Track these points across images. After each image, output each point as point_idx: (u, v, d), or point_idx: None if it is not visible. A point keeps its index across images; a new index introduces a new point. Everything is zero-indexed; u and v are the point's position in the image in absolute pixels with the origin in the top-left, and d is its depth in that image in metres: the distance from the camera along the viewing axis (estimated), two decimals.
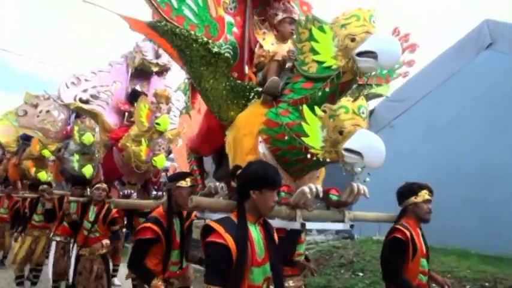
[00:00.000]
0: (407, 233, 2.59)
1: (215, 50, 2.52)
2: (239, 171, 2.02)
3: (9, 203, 7.67)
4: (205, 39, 2.51)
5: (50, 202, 5.05)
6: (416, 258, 2.61)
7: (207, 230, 1.86)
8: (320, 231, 8.57)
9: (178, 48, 2.50)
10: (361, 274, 5.98)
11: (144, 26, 2.52)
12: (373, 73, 2.68)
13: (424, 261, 2.68)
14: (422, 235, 2.75)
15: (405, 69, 3.50)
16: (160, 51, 6.33)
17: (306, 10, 3.70)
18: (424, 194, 2.72)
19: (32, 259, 6.01)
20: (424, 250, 2.70)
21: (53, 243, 5.17)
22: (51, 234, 5.19)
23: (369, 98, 3.42)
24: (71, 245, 4.88)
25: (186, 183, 2.80)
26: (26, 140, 8.59)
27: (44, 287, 5.97)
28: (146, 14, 2.55)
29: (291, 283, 2.97)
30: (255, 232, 1.91)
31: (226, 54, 2.65)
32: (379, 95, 3.37)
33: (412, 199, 2.73)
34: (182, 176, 2.89)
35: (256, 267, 1.85)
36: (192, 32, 2.48)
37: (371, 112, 9.67)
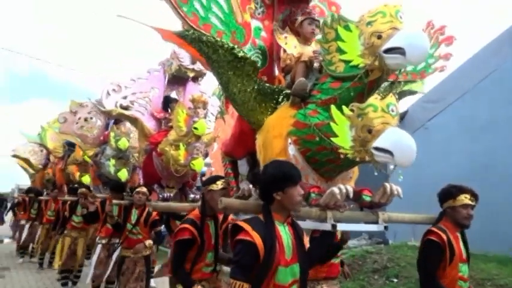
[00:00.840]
0: (444, 236, 2.51)
1: (241, 54, 2.56)
2: (258, 177, 2.06)
3: (55, 206, 8.19)
4: (231, 44, 2.56)
5: (93, 205, 5.34)
6: (454, 263, 2.51)
7: (236, 229, 1.92)
8: (353, 236, 8.42)
9: (206, 54, 2.56)
10: (395, 280, 5.85)
11: (174, 35, 2.60)
12: (405, 69, 2.61)
13: (463, 266, 2.57)
14: (464, 239, 2.64)
15: (442, 63, 3.38)
16: None
17: (334, 10, 3.68)
18: (463, 199, 2.61)
19: (74, 260, 6.35)
20: (464, 255, 2.59)
21: (98, 246, 5.41)
22: (98, 238, 5.41)
23: (403, 95, 3.33)
24: (115, 247, 5.14)
25: (216, 186, 2.87)
26: (70, 145, 9.03)
27: (83, 287, 6.28)
28: (177, 24, 2.62)
29: (324, 286, 2.95)
30: (284, 232, 1.94)
31: (252, 58, 2.68)
32: (414, 92, 3.25)
33: (450, 202, 2.64)
34: (213, 179, 2.97)
35: (284, 267, 1.86)
36: (218, 39, 2.54)
37: (404, 114, 9.42)
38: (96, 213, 5.29)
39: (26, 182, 14.99)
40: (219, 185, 2.89)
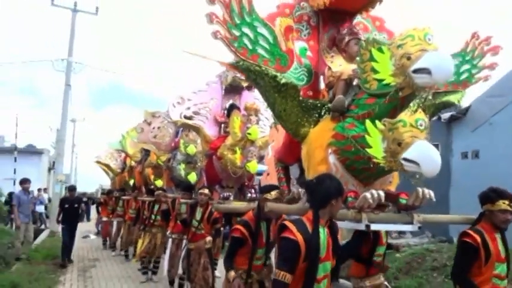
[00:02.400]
0: (478, 239, 2.60)
1: (283, 81, 2.89)
2: (311, 186, 2.32)
3: (136, 204, 9.02)
4: (273, 72, 2.90)
5: (165, 204, 5.98)
6: (490, 263, 2.60)
7: (282, 227, 2.21)
8: (414, 234, 8.31)
9: (254, 81, 2.95)
10: None
11: (229, 65, 3.01)
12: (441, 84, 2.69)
13: (500, 266, 2.64)
14: (503, 240, 2.70)
15: (487, 72, 3.41)
16: None
17: (378, 25, 3.82)
18: (501, 204, 2.62)
19: (153, 252, 7.04)
20: (502, 255, 2.65)
21: (169, 240, 6.01)
22: (168, 232, 6.02)
23: (442, 106, 3.41)
24: (184, 241, 5.71)
25: (270, 196, 3.22)
26: (147, 150, 9.79)
27: (161, 277, 6.94)
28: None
29: (367, 283, 3.17)
30: (322, 234, 2.20)
31: (294, 83, 3.00)
32: (451, 104, 3.32)
33: (488, 206, 2.68)
34: (268, 189, 3.32)
35: (319, 263, 2.15)
36: (264, 67, 2.89)
37: (467, 109, 9.00)
38: (167, 210, 5.91)
39: (108, 182, 16.47)
40: (273, 195, 3.23)
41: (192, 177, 7.18)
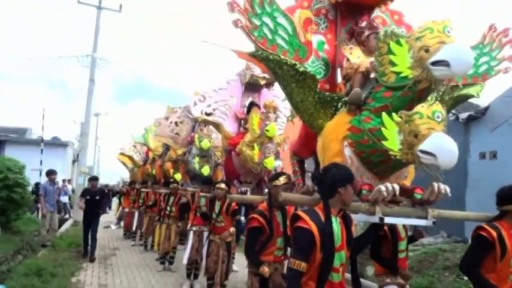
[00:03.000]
0: (494, 233, 2.53)
1: (302, 69, 2.90)
2: (318, 177, 2.33)
3: (155, 196, 9.18)
4: (293, 61, 2.90)
5: (185, 197, 6.08)
6: (505, 260, 2.53)
7: (296, 217, 2.21)
8: (430, 234, 8.11)
9: (272, 70, 2.95)
10: (465, 278, 5.60)
11: (247, 55, 3.03)
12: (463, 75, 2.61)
13: None
14: None
15: (506, 64, 3.33)
16: None
17: (397, 19, 3.77)
18: None
19: (169, 242, 7.16)
20: None
21: (191, 233, 6.04)
22: (189, 225, 6.10)
23: (461, 99, 3.34)
24: (205, 234, 5.78)
25: (279, 181, 3.20)
26: (167, 145, 9.92)
27: (177, 265, 7.09)
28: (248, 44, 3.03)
29: (394, 280, 3.09)
30: (335, 223, 2.19)
31: (312, 72, 2.99)
32: (470, 96, 3.25)
33: (510, 207, 2.60)
34: (276, 176, 3.32)
35: (335, 252, 2.13)
36: (283, 57, 2.89)
37: (486, 109, 8.78)
38: (187, 204, 6.00)
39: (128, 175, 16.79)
40: (281, 180, 3.22)
41: (206, 170, 7.33)
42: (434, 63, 2.39)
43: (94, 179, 8.51)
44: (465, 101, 3.24)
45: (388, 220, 2.57)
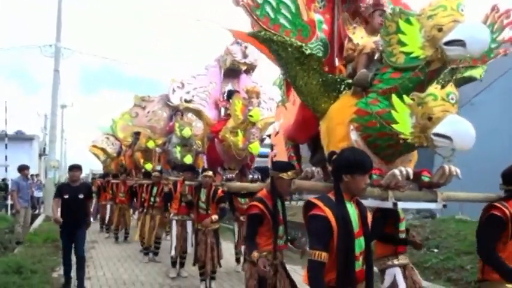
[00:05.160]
0: (507, 211, 2.42)
1: (308, 52, 2.67)
2: (334, 157, 2.13)
3: (125, 188, 8.84)
4: (298, 43, 2.66)
5: (167, 186, 5.77)
6: None
7: (309, 205, 2.01)
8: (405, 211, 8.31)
9: (276, 52, 2.70)
10: (436, 250, 5.87)
11: (246, 35, 2.75)
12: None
13: None
14: None
15: (506, 46, 3.22)
16: (247, 51, 6.66)
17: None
18: None
19: (153, 233, 6.86)
20: None
21: (173, 222, 5.76)
22: (171, 214, 5.81)
23: (463, 81, 3.22)
24: (189, 223, 5.51)
25: (287, 176, 2.89)
26: (137, 134, 9.60)
27: (162, 256, 6.82)
28: (243, 23, 2.75)
29: (395, 261, 2.98)
30: (351, 208, 2.02)
31: (317, 54, 2.77)
32: (473, 79, 3.13)
33: None
34: (285, 168, 2.96)
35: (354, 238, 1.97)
36: (287, 38, 2.65)
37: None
38: (170, 193, 5.69)
39: (99, 167, 16.03)
40: (290, 175, 2.90)
41: (188, 159, 7.04)
42: (448, 43, 2.24)
43: (75, 169, 5.21)
44: (466, 83, 3.12)
45: (401, 205, 2.44)
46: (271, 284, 2.94)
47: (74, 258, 5.01)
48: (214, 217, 4.84)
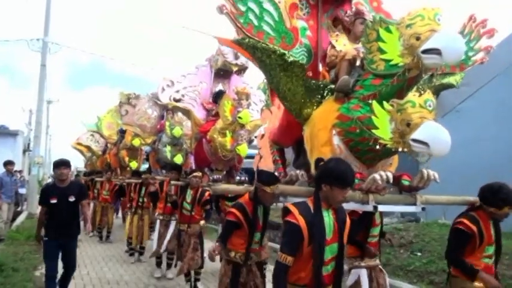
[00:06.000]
0: (473, 227, 2.61)
1: (290, 59, 2.76)
2: (320, 163, 2.23)
3: (109, 186, 8.80)
4: (282, 50, 2.75)
5: (154, 186, 5.81)
6: (482, 247, 2.65)
7: (286, 211, 2.15)
8: (385, 214, 8.47)
9: (259, 59, 2.78)
10: (419, 254, 6.05)
11: (231, 42, 2.83)
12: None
13: (489, 248, 2.69)
14: (496, 227, 2.71)
15: (482, 55, 3.36)
16: (239, 53, 6.71)
17: (376, 6, 3.68)
18: (506, 210, 2.62)
19: (141, 233, 6.87)
20: (493, 238, 2.69)
21: (157, 221, 5.86)
22: (156, 214, 5.85)
23: (441, 88, 3.33)
24: (173, 223, 5.56)
25: (270, 190, 2.89)
26: (123, 132, 9.55)
27: (145, 256, 6.85)
28: (228, 30, 2.82)
29: (362, 263, 3.10)
30: (327, 216, 2.13)
31: (300, 61, 2.86)
32: (451, 85, 3.26)
33: (493, 210, 2.64)
34: (268, 182, 2.94)
35: (325, 245, 2.07)
36: (271, 45, 2.73)
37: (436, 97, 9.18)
38: (156, 192, 5.74)
39: (82, 164, 15.84)
40: (273, 189, 2.90)
41: (179, 159, 7.02)
42: (425, 51, 2.34)
43: (63, 166, 4.21)
44: (444, 90, 3.24)
45: (381, 208, 2.54)
46: (243, 283, 3.09)
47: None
48: (202, 223, 4.92)
